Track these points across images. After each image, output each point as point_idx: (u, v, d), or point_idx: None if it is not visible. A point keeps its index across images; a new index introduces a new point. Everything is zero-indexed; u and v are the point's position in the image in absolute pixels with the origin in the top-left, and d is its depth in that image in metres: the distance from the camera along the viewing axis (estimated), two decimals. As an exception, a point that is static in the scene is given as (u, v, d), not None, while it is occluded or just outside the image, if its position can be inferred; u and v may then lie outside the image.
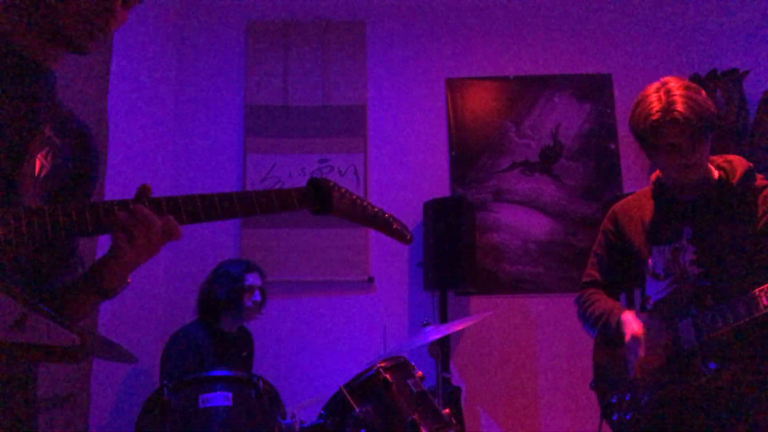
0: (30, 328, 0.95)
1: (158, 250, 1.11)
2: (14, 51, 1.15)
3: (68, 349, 0.97)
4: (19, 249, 0.99)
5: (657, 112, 1.70)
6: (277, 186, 3.86)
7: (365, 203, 1.27)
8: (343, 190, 1.23)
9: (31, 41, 1.15)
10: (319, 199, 1.21)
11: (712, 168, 1.84)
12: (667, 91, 1.71)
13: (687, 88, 1.72)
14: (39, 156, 1.15)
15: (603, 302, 2.00)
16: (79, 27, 1.13)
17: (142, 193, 1.10)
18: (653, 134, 1.73)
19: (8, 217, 0.97)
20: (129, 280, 1.18)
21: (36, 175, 1.14)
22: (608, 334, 1.93)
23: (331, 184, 1.22)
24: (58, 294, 1.20)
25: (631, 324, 1.83)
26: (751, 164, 1.83)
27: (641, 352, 1.77)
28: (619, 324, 1.86)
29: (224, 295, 2.97)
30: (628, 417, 1.85)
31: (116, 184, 3.11)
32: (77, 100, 2.85)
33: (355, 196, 1.25)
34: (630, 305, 2.31)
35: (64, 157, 1.22)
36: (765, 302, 1.57)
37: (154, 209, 1.08)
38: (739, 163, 1.83)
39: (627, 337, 1.81)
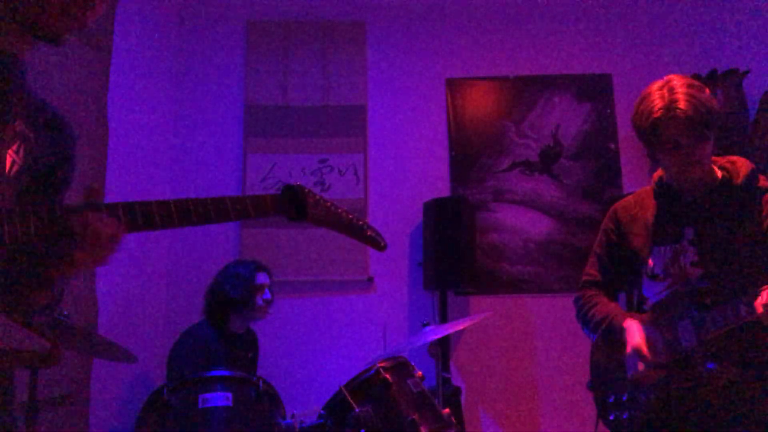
0: (0, 334, 0.95)
1: (103, 260, 1.08)
2: None
3: (38, 354, 0.97)
4: None
5: (659, 109, 1.70)
6: (278, 186, 3.86)
7: (339, 210, 1.27)
8: (318, 197, 1.24)
9: (0, 30, 1.11)
10: (294, 206, 1.21)
11: (715, 169, 1.84)
12: (670, 89, 1.72)
13: (690, 86, 1.72)
14: (10, 151, 1.11)
15: (603, 306, 1.99)
16: (58, 19, 1.10)
17: (92, 196, 1.08)
18: (655, 131, 1.73)
19: None
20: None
21: (6, 172, 1.11)
22: (612, 338, 1.92)
23: (306, 190, 1.22)
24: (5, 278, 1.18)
25: (634, 335, 1.80)
26: (754, 165, 1.83)
27: (640, 367, 1.77)
28: (623, 331, 1.86)
29: (237, 295, 2.99)
30: (625, 416, 1.84)
31: (116, 185, 3.12)
32: (77, 99, 2.85)
33: (329, 203, 1.26)
34: (630, 306, 2.30)
35: (38, 151, 1.18)
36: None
37: (126, 215, 1.06)
38: (742, 164, 1.82)
39: (628, 349, 1.80)
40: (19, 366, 1.00)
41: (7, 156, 1.11)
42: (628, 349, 1.80)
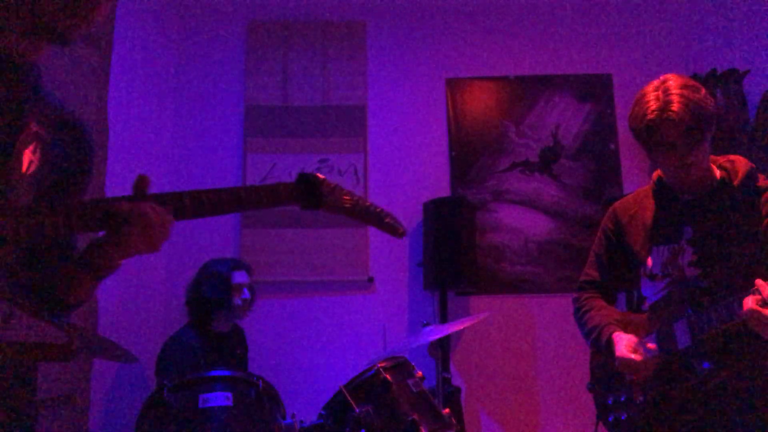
0: (16, 326, 0.97)
1: (157, 246, 1.15)
2: None
3: (57, 346, 0.99)
4: (12, 248, 1.02)
5: (653, 111, 1.70)
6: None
7: (356, 198, 1.26)
8: (333, 185, 1.24)
9: (9, 37, 1.14)
10: (309, 195, 1.22)
11: (714, 168, 1.83)
12: (665, 90, 1.71)
13: (685, 86, 1.71)
14: (27, 151, 1.14)
15: (597, 312, 1.99)
16: (63, 19, 1.11)
17: (142, 186, 1.14)
18: (649, 134, 1.72)
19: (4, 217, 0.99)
20: (120, 262, 1.20)
21: (24, 171, 1.14)
22: (599, 349, 1.93)
23: (321, 178, 1.23)
24: (54, 277, 1.20)
25: (621, 345, 1.81)
26: (753, 165, 1.82)
27: (634, 376, 1.79)
28: (610, 343, 1.86)
29: (213, 295, 2.96)
30: (623, 417, 1.85)
31: (116, 184, 3.11)
32: (77, 99, 2.85)
33: (345, 191, 1.26)
34: (630, 306, 2.30)
35: (55, 152, 1.21)
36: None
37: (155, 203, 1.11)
38: (741, 164, 1.82)
39: (617, 362, 1.80)
40: (39, 359, 1.03)
41: (24, 156, 1.13)
42: (617, 362, 1.80)
